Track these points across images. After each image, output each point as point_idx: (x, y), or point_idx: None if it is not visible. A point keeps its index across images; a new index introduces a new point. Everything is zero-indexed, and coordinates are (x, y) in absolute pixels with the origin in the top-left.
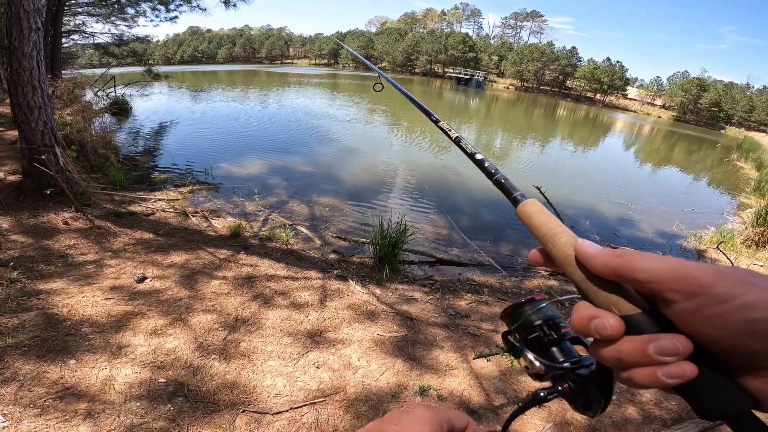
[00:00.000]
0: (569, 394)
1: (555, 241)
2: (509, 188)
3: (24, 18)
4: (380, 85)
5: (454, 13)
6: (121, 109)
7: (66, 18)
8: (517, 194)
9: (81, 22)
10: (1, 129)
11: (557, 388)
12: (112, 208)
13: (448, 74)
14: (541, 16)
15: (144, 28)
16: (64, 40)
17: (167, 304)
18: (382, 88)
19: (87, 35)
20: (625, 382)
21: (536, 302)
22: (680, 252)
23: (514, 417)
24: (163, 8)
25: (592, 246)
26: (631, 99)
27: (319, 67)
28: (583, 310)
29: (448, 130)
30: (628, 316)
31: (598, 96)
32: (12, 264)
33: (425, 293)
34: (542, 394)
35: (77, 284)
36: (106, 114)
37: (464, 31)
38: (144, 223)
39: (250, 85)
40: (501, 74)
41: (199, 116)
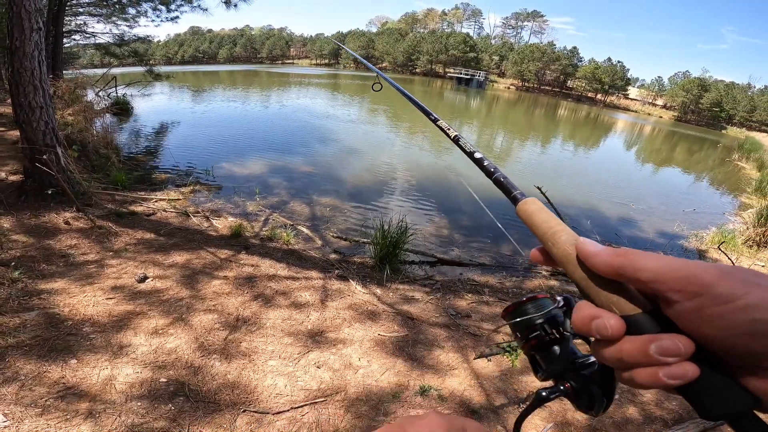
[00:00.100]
0: (571, 393)
1: (555, 239)
2: (508, 187)
3: (25, 18)
4: (379, 84)
5: (454, 13)
6: (122, 109)
7: (67, 18)
8: (516, 193)
9: (82, 22)
10: (2, 129)
11: (559, 388)
12: (113, 208)
13: (448, 74)
14: (542, 16)
15: (145, 28)
16: (65, 40)
17: (168, 303)
18: (381, 88)
19: (88, 35)
20: (626, 382)
21: (538, 300)
22: (681, 252)
23: (522, 419)
24: (164, 8)
25: (594, 245)
26: (632, 99)
27: (320, 67)
28: (584, 310)
29: (447, 129)
30: (629, 316)
31: (599, 96)
32: (13, 264)
33: (426, 293)
34: (544, 393)
35: (78, 284)
36: (107, 114)
37: (465, 31)
38: (145, 223)
39: (251, 85)
40: (502, 74)
41: (200, 116)
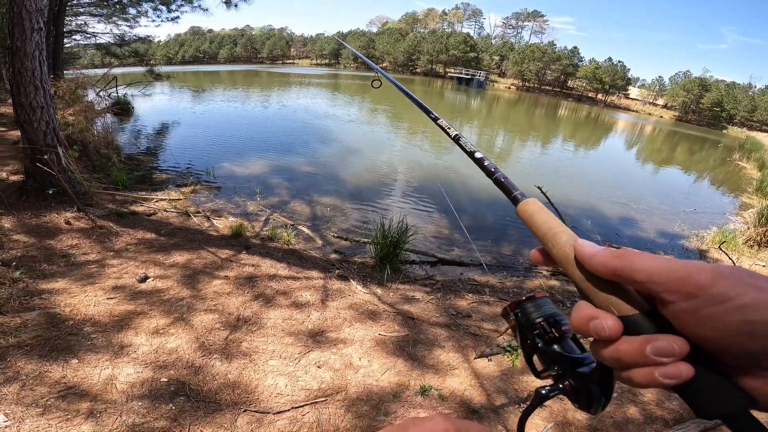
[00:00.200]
0: (570, 391)
1: (555, 240)
2: (509, 187)
3: (26, 18)
4: (378, 81)
5: (455, 13)
6: (123, 109)
7: (68, 18)
8: (516, 193)
9: (83, 22)
10: (3, 129)
11: (558, 386)
12: (114, 208)
13: (449, 74)
14: (542, 15)
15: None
16: (66, 40)
17: (169, 303)
18: (380, 85)
19: (89, 35)
20: (624, 381)
21: (537, 299)
22: (682, 252)
23: (525, 419)
24: (164, 8)
25: (592, 246)
26: (632, 99)
27: (321, 67)
28: (583, 310)
29: (447, 128)
30: (627, 317)
31: (599, 96)
32: (14, 263)
33: (426, 293)
34: (544, 391)
35: (79, 284)
36: (108, 114)
37: (465, 31)
38: (146, 222)
39: (251, 85)
40: (502, 74)
41: (201, 116)
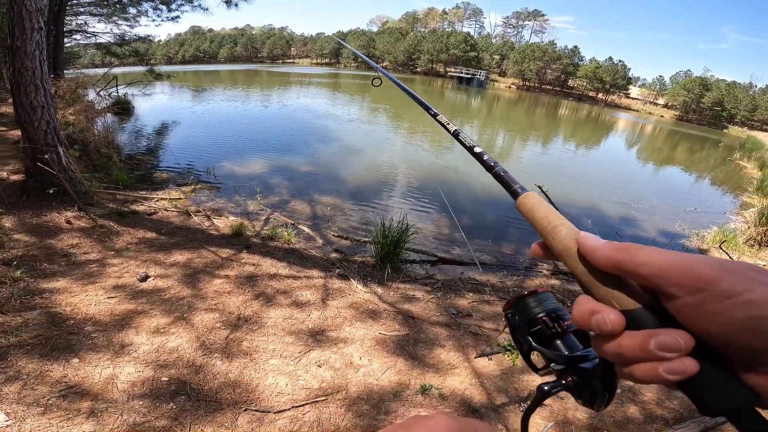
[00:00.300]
0: (573, 387)
1: (555, 234)
2: (509, 181)
3: (26, 18)
4: (378, 80)
5: (455, 12)
6: (123, 108)
7: (68, 18)
8: (516, 187)
9: (83, 21)
10: (4, 129)
11: (561, 382)
12: (114, 207)
13: (449, 74)
14: (543, 15)
15: (146, 28)
16: (66, 39)
17: (170, 302)
18: (381, 83)
19: (89, 35)
20: (626, 377)
21: (539, 295)
22: (682, 251)
23: (528, 416)
24: (164, 8)
25: (594, 239)
26: (633, 98)
27: (321, 67)
28: (584, 305)
29: (447, 124)
30: (629, 311)
31: (600, 95)
32: (15, 263)
33: (427, 292)
34: (546, 387)
35: (80, 283)
36: (108, 113)
37: (466, 30)
38: (146, 222)
39: (251, 84)
40: (503, 73)
41: (201, 116)
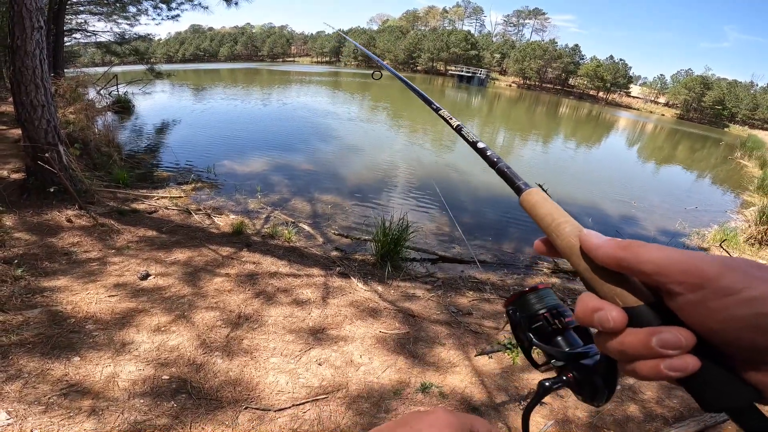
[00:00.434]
0: (574, 384)
1: (559, 231)
2: (512, 177)
3: (26, 17)
4: (378, 73)
5: (456, 10)
6: (123, 107)
7: (68, 17)
8: (520, 183)
9: (83, 20)
10: (4, 127)
11: (562, 378)
12: (115, 205)
13: (450, 72)
14: (544, 13)
15: (146, 27)
16: (66, 38)
17: (170, 301)
18: (381, 77)
19: (89, 34)
20: (628, 373)
21: (540, 291)
22: (683, 249)
23: (529, 412)
24: (164, 6)
25: (597, 236)
26: (634, 97)
27: (321, 65)
28: (587, 302)
29: (449, 119)
30: (632, 308)
31: (601, 94)
32: (16, 261)
33: (427, 290)
34: (547, 384)
35: (81, 281)
36: (108, 112)
37: (466, 28)
38: (147, 220)
39: (252, 83)
40: (503, 72)
41: (202, 114)
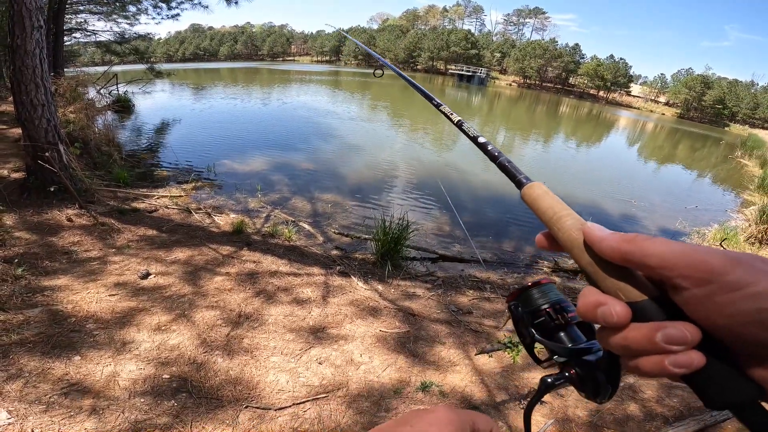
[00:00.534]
0: (576, 380)
1: (561, 224)
2: (513, 171)
3: (26, 16)
4: (380, 71)
5: (456, 9)
6: (123, 106)
7: (68, 16)
8: (521, 177)
9: (83, 20)
10: (4, 127)
11: (564, 374)
12: (115, 205)
13: (450, 71)
14: (544, 12)
15: (146, 26)
16: (66, 38)
17: (171, 300)
18: (383, 74)
19: (89, 33)
20: (631, 370)
21: (543, 285)
22: None
23: (531, 409)
24: (164, 6)
25: (601, 229)
26: (634, 96)
27: (321, 64)
28: (590, 296)
29: (450, 114)
30: (636, 303)
31: (601, 93)
32: (17, 261)
33: (427, 289)
34: (549, 380)
35: (81, 281)
36: (108, 111)
37: (466, 27)
38: (147, 219)
39: (252, 82)
40: (503, 71)
41: (202, 114)
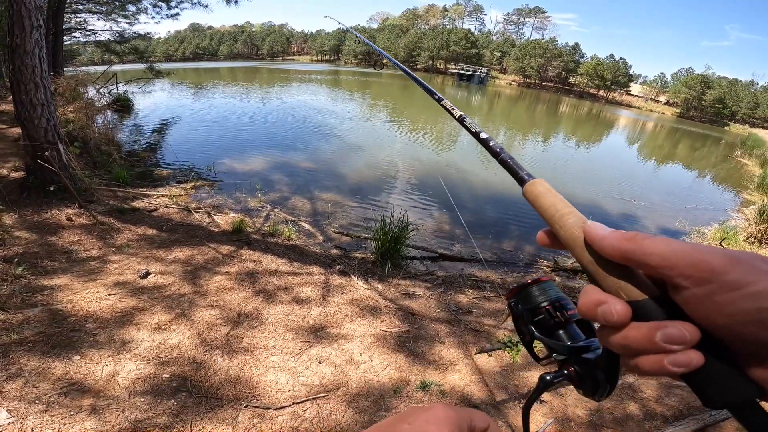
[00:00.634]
0: (575, 377)
1: (562, 222)
2: (515, 167)
3: (26, 16)
4: (380, 64)
5: (456, 9)
6: (123, 106)
7: (67, 16)
8: (523, 174)
9: (82, 19)
10: (4, 126)
11: (563, 372)
12: (115, 204)
13: (450, 70)
14: (544, 12)
15: (145, 26)
16: (65, 37)
17: (171, 299)
18: (383, 68)
19: (88, 33)
20: (631, 369)
21: (542, 283)
22: None
23: (529, 406)
24: (164, 5)
25: (602, 228)
26: (634, 95)
27: (321, 64)
28: (591, 295)
29: (452, 109)
30: (636, 302)
31: (601, 92)
32: (16, 260)
33: (427, 289)
34: (548, 377)
35: (81, 280)
36: (108, 111)
37: (466, 27)
38: (147, 219)
39: (251, 81)
40: (503, 70)
41: (201, 113)
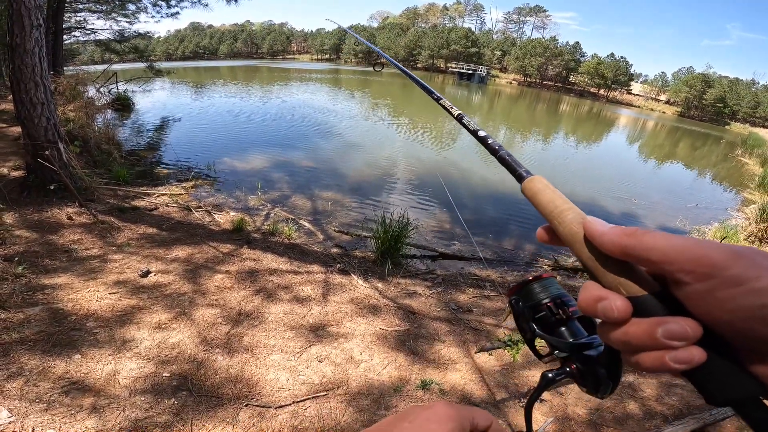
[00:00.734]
0: (577, 375)
1: (561, 218)
2: (513, 164)
3: (25, 15)
4: (380, 65)
5: (456, 7)
6: (123, 105)
7: (67, 15)
8: (522, 170)
9: (82, 18)
10: (4, 125)
11: (565, 369)
12: (115, 203)
13: (450, 69)
14: (545, 11)
15: (145, 25)
16: (65, 36)
17: (171, 298)
18: (383, 68)
19: (88, 32)
20: (632, 365)
21: (544, 280)
22: None
23: (532, 403)
24: (164, 4)
25: (602, 223)
26: (635, 94)
27: (321, 62)
28: (591, 291)
29: (450, 108)
30: (637, 298)
31: (601, 91)
32: (17, 259)
33: (427, 287)
34: (550, 375)
35: (82, 279)
36: (108, 110)
37: (467, 26)
38: (147, 217)
39: (251, 80)
40: (504, 69)
41: (201, 112)
